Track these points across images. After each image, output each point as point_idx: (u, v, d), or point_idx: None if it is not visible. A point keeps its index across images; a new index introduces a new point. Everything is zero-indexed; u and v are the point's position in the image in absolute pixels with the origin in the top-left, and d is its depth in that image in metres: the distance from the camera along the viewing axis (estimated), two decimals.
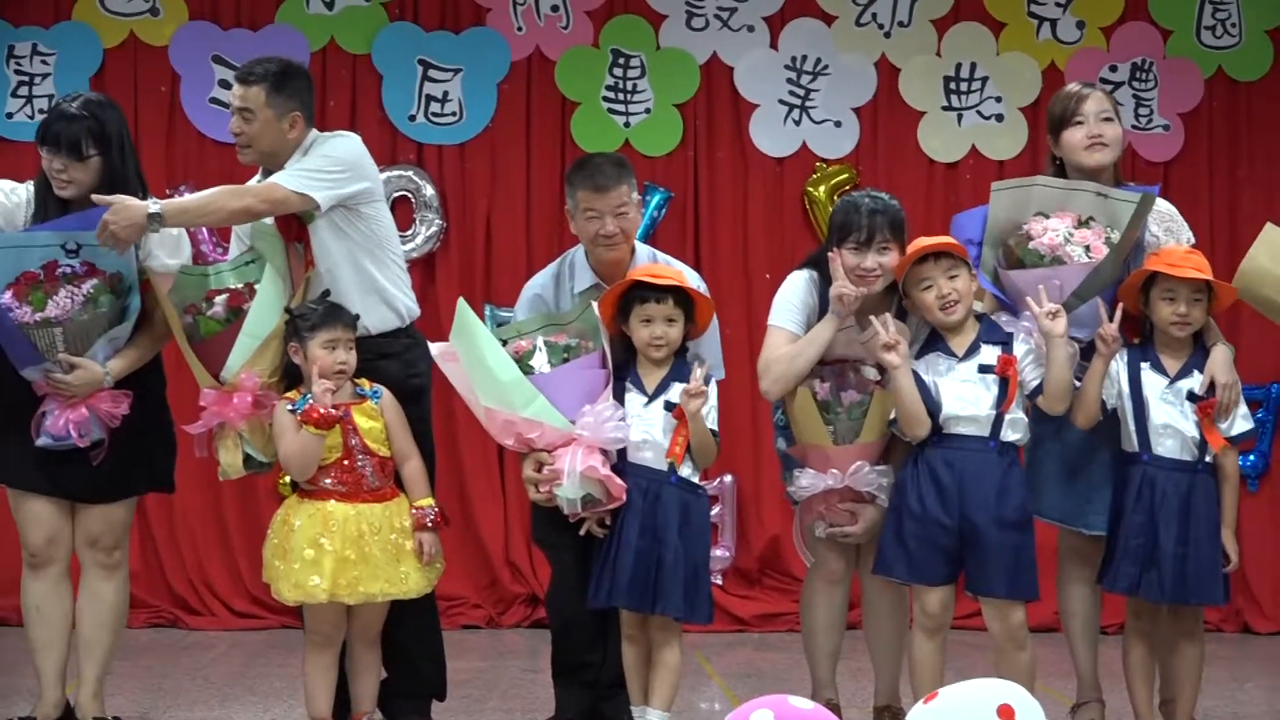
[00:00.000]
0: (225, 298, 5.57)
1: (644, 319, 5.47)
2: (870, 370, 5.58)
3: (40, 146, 5.65)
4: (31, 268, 5.52)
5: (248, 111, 5.68)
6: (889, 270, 5.55)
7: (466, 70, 8.57)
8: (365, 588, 5.42)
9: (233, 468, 5.57)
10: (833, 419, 5.54)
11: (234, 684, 7.12)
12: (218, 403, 5.51)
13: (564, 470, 5.37)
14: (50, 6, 8.46)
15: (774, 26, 8.67)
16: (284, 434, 5.41)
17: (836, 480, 5.54)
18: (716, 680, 7.27)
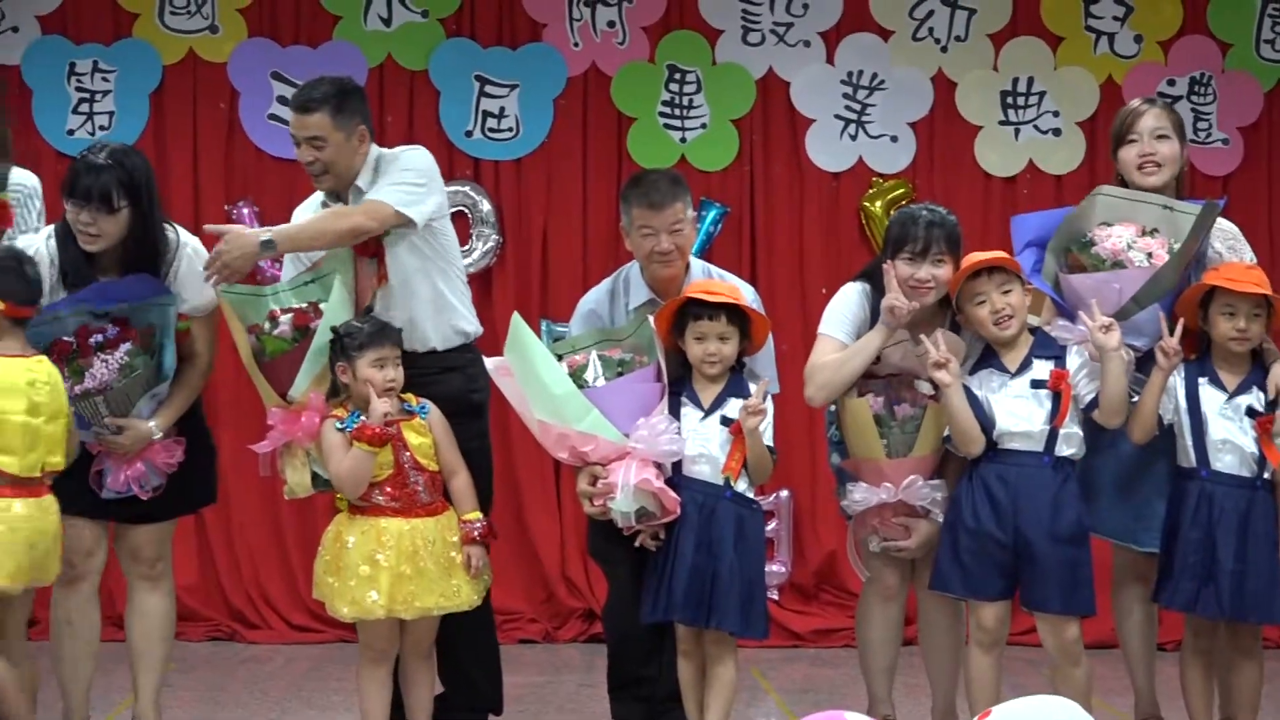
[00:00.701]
0: (290, 317, 5.56)
1: (697, 336, 5.47)
2: (924, 385, 5.56)
3: (67, 200, 5.57)
4: (65, 335, 5.54)
5: (318, 140, 5.68)
6: (943, 283, 5.54)
7: (523, 86, 8.59)
8: (421, 602, 5.44)
9: (301, 486, 5.58)
10: (886, 433, 5.54)
11: (291, 697, 7.15)
12: (285, 422, 5.52)
13: (618, 484, 5.37)
14: (111, 24, 8.52)
15: (830, 41, 8.66)
16: (333, 453, 5.43)
17: (890, 494, 5.53)
18: (773, 696, 7.26)
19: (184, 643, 5.88)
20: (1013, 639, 5.75)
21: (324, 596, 5.53)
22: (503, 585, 7.77)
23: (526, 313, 8.30)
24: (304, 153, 5.72)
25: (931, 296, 5.57)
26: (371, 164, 5.78)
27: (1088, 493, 5.60)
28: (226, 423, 7.57)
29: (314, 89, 5.74)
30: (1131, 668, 5.86)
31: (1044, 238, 5.67)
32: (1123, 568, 5.83)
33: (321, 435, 5.46)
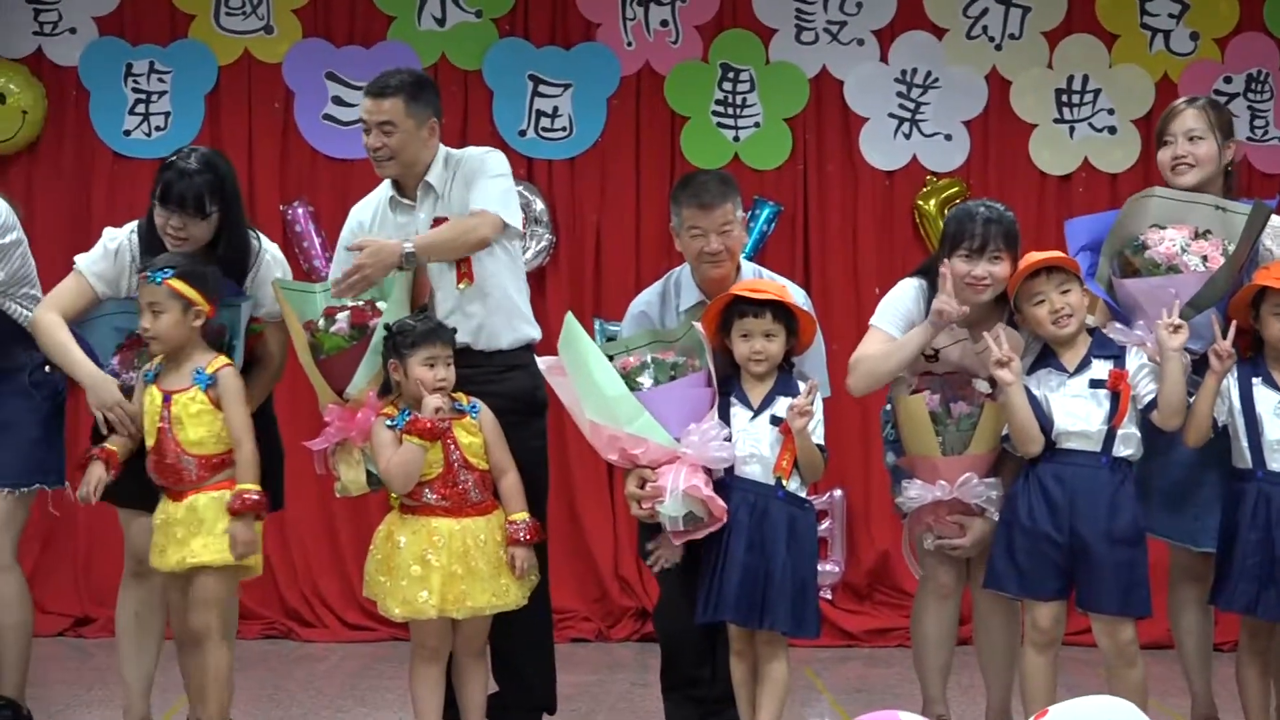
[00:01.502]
0: (348, 315, 5.56)
1: (743, 333, 5.46)
2: (981, 383, 5.55)
3: (161, 205, 5.61)
4: (136, 330, 5.60)
5: (388, 125, 5.71)
6: (999, 280, 5.52)
7: (576, 85, 8.60)
8: (472, 601, 5.45)
9: (355, 484, 5.59)
10: (942, 430, 5.52)
11: (345, 695, 7.18)
12: (342, 419, 5.54)
13: (667, 488, 5.37)
14: (167, 25, 8.57)
15: (884, 40, 8.64)
16: (383, 449, 5.44)
17: (945, 492, 5.52)
18: (826, 696, 7.25)
19: (240, 641, 5.90)
20: (1068, 639, 5.73)
21: (376, 596, 5.55)
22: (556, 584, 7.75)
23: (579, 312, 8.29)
24: (373, 138, 5.75)
25: (988, 294, 5.55)
26: (442, 161, 5.81)
27: (1145, 493, 5.57)
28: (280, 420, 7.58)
29: (391, 76, 5.79)
30: (1188, 668, 5.83)
31: (1097, 241, 5.64)
32: (1179, 568, 5.80)
33: (372, 433, 5.48)
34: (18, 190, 8.45)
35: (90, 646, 8.11)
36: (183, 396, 5.47)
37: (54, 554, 8.38)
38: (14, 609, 5.90)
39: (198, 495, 5.45)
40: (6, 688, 5.95)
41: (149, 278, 5.44)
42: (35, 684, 6.08)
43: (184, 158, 5.66)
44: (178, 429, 5.45)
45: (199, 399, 5.47)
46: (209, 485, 5.46)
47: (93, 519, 8.10)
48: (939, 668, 5.81)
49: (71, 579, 8.39)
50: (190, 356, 5.52)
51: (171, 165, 5.65)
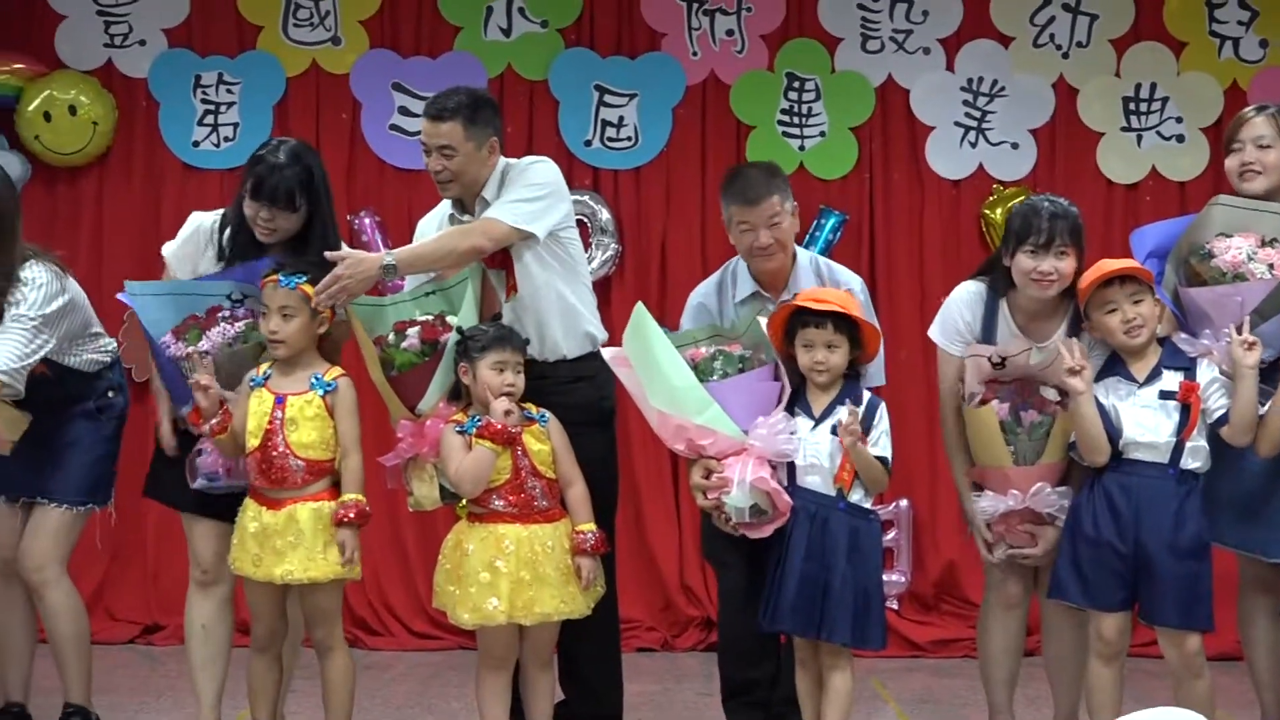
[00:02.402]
0: (418, 330, 5.59)
1: (805, 343, 5.46)
2: (1049, 391, 5.53)
3: (252, 198, 5.67)
4: (197, 312, 5.65)
5: (448, 149, 5.73)
6: (1065, 276, 5.52)
7: (642, 95, 8.60)
8: (540, 608, 5.46)
9: (428, 499, 5.60)
10: (1013, 439, 5.51)
11: (412, 704, 7.20)
12: (415, 434, 5.55)
13: (733, 479, 5.36)
14: (235, 37, 8.62)
15: (950, 48, 8.61)
16: (453, 454, 5.46)
17: (1017, 501, 5.51)
18: (893, 706, 7.23)
19: (306, 648, 5.92)
20: (1135, 650, 5.71)
21: (445, 604, 5.57)
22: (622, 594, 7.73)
23: None
24: (433, 161, 5.77)
25: (1054, 289, 5.54)
26: (498, 175, 5.83)
27: (1214, 504, 5.53)
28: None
29: (448, 98, 5.79)
30: (1256, 680, 5.80)
31: (1164, 248, 5.62)
32: (1249, 579, 5.77)
33: (442, 439, 5.49)
34: (88, 200, 8.54)
35: (159, 654, 8.15)
36: (298, 399, 5.52)
37: (123, 563, 8.44)
38: (69, 620, 5.99)
39: (298, 506, 5.49)
40: (74, 695, 6.02)
41: (281, 282, 5.50)
42: (105, 691, 6.14)
43: (273, 151, 5.73)
44: (290, 430, 5.49)
45: (315, 403, 5.53)
46: (308, 495, 5.51)
47: (160, 528, 8.16)
48: (1005, 679, 5.80)
49: (140, 587, 8.45)
50: (306, 362, 5.58)
51: (261, 159, 5.71)
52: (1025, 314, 5.67)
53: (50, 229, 8.24)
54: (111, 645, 8.12)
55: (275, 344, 5.53)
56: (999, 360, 5.59)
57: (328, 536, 5.47)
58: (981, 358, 5.62)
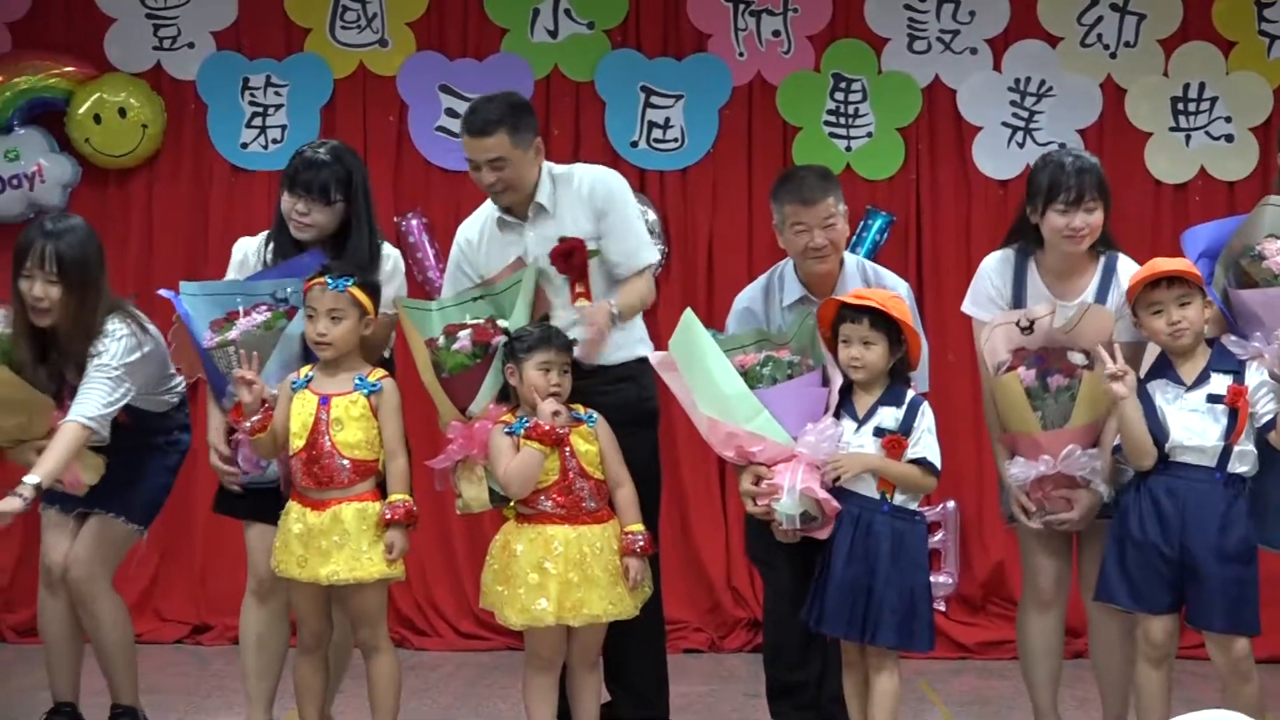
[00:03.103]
0: (469, 333, 5.59)
1: (844, 339, 5.44)
2: (1076, 355, 5.50)
3: (289, 190, 5.73)
4: (238, 308, 5.71)
5: (499, 161, 5.73)
6: (1095, 229, 5.55)
7: (688, 96, 8.60)
8: (589, 609, 5.47)
9: (477, 501, 5.60)
10: (1040, 405, 5.49)
11: (459, 704, 7.22)
12: (465, 437, 5.55)
13: (783, 486, 5.36)
14: (283, 39, 8.66)
15: (997, 49, 8.59)
16: (501, 454, 5.47)
17: (1049, 466, 5.49)
18: (940, 708, 7.22)
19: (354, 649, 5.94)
20: (1184, 652, 5.69)
21: (493, 605, 5.58)
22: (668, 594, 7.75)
23: None
24: (484, 175, 5.76)
25: (1085, 244, 5.56)
26: (549, 179, 5.84)
27: (1261, 505, 5.50)
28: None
29: (487, 111, 5.77)
30: None
31: (1215, 249, 5.59)
32: None
33: (490, 440, 5.50)
34: (138, 202, 8.59)
35: (208, 654, 8.20)
36: (343, 400, 5.54)
37: (172, 564, 8.49)
38: (116, 629, 6.05)
39: (342, 506, 5.51)
40: (123, 696, 6.05)
41: (329, 284, 5.52)
42: (154, 691, 6.17)
43: (314, 148, 5.81)
44: (336, 430, 5.51)
45: (360, 403, 5.55)
46: (353, 496, 5.52)
47: (209, 529, 8.19)
48: (1047, 678, 5.79)
49: (189, 588, 8.49)
50: (349, 364, 5.59)
51: (301, 153, 5.79)
52: (1054, 273, 5.69)
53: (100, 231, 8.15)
54: (160, 645, 8.17)
55: (322, 346, 5.55)
56: (1027, 324, 5.57)
57: (372, 536, 5.49)
58: (1009, 324, 5.60)
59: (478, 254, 5.89)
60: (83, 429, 5.70)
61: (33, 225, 5.94)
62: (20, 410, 5.78)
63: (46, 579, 6.02)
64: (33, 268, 5.75)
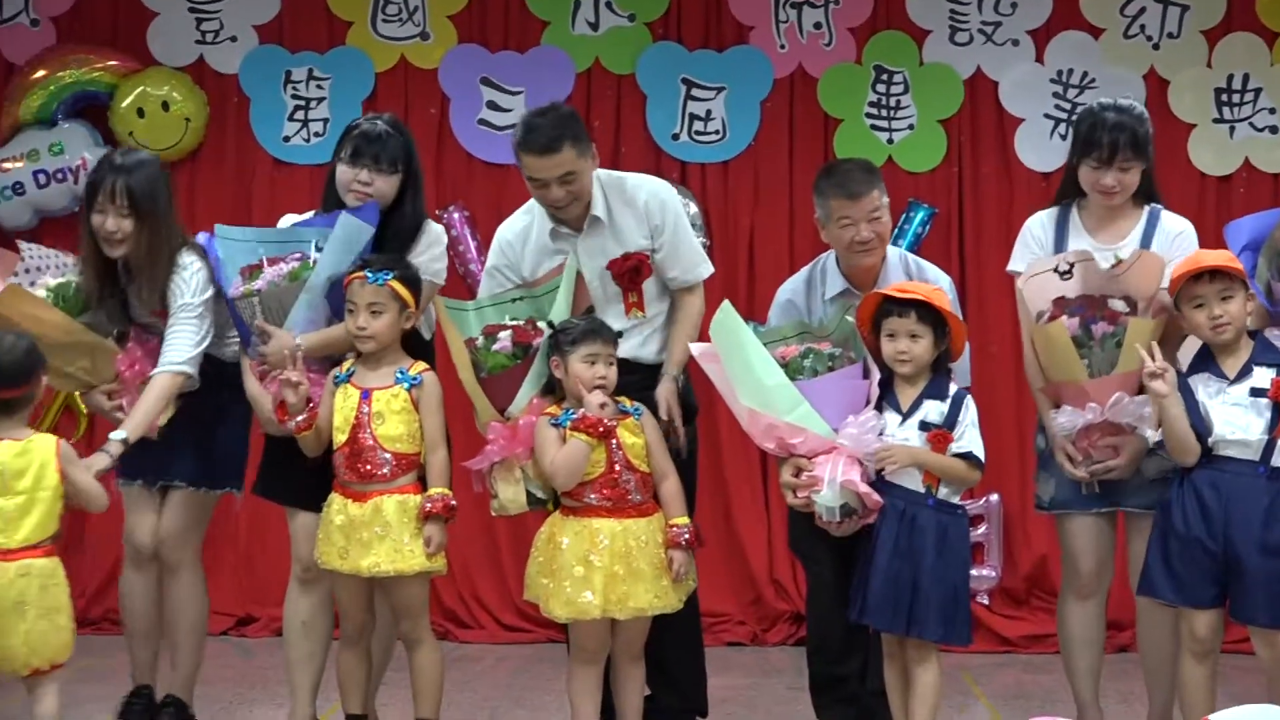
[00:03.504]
0: (510, 334, 5.59)
1: (888, 333, 5.42)
2: (1118, 302, 5.48)
3: (350, 162, 5.73)
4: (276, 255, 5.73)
5: (569, 175, 5.70)
6: (1130, 186, 5.59)
7: (730, 88, 8.60)
8: (635, 602, 5.47)
9: (514, 503, 5.59)
10: (1087, 353, 5.48)
11: (502, 697, 7.23)
12: (507, 437, 5.56)
13: (824, 478, 5.36)
14: (325, 33, 8.69)
15: (1039, 40, 8.57)
16: (548, 446, 5.47)
17: (1096, 414, 5.47)
18: (983, 702, 7.20)
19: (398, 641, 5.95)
20: (1228, 647, 5.65)
21: (537, 598, 5.58)
22: (711, 588, 7.79)
23: None
24: (554, 192, 5.72)
25: (1118, 199, 5.60)
26: (601, 189, 5.84)
27: None
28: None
29: (547, 126, 5.70)
30: None
31: (1259, 241, 5.56)
32: None
33: (535, 431, 5.51)
34: (181, 196, 8.59)
35: (252, 645, 8.23)
36: (384, 394, 5.55)
37: (216, 555, 8.49)
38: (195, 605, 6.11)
39: (384, 499, 5.52)
40: (177, 686, 6.06)
41: (369, 278, 5.53)
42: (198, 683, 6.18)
43: (370, 120, 5.84)
44: (377, 424, 5.52)
45: (402, 397, 5.56)
46: (395, 488, 5.53)
47: (254, 521, 8.23)
48: (1087, 670, 5.77)
49: (234, 579, 8.53)
50: (390, 358, 5.61)
51: (358, 126, 5.81)
52: (1096, 223, 5.70)
53: None
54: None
55: (363, 339, 5.56)
56: (1066, 268, 5.55)
57: (414, 529, 5.50)
58: (1046, 272, 5.58)
59: (520, 257, 5.88)
60: (174, 377, 5.80)
61: (102, 161, 6.00)
62: (83, 354, 5.80)
63: (134, 558, 6.02)
64: (104, 202, 5.81)
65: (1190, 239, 5.74)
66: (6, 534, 5.15)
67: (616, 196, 5.84)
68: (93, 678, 6.95)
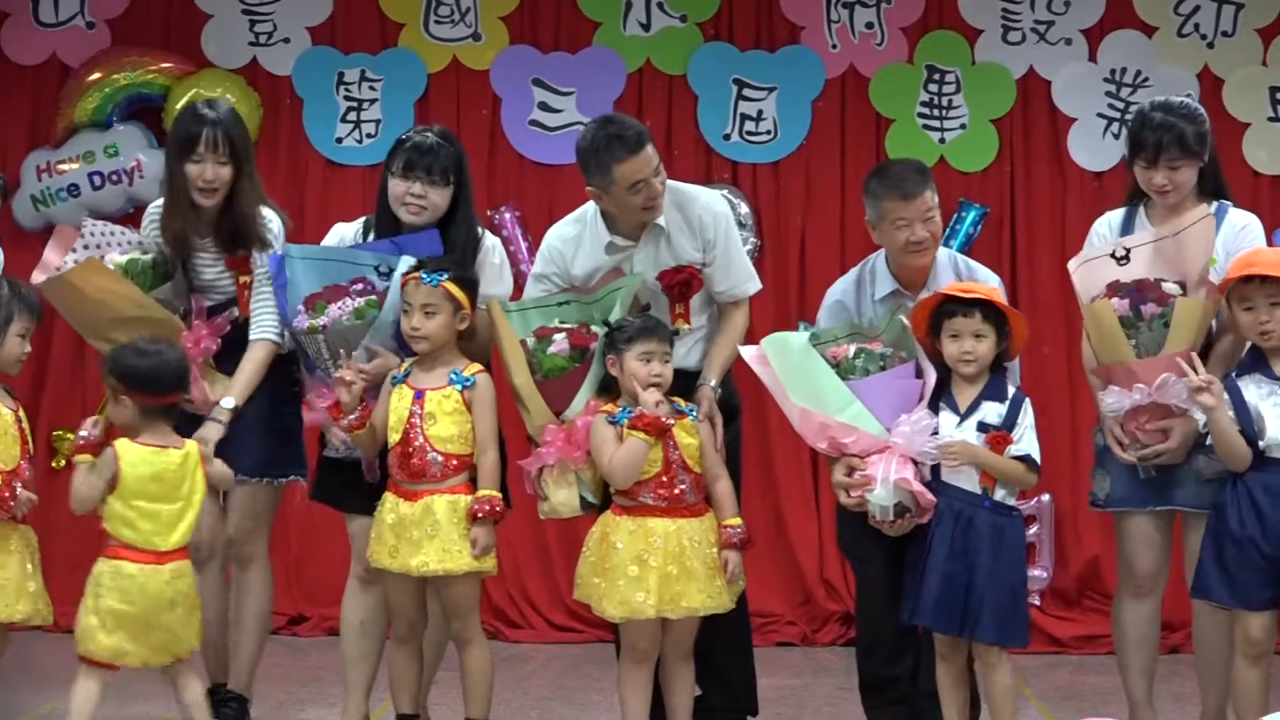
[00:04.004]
0: (564, 336, 5.59)
1: (952, 333, 5.41)
2: (1170, 285, 5.45)
3: (402, 175, 5.72)
4: (341, 281, 5.71)
5: (660, 167, 5.73)
6: (1183, 185, 5.55)
7: (781, 88, 8.60)
8: (688, 602, 5.48)
9: (566, 506, 5.58)
10: (1135, 334, 5.45)
11: (552, 696, 7.25)
12: (565, 440, 5.55)
13: (876, 477, 5.35)
14: (377, 34, 8.72)
15: (1093, 39, 8.53)
16: (605, 445, 5.47)
17: (1144, 395, 5.44)
18: (1035, 703, 7.17)
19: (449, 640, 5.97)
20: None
21: (589, 598, 5.58)
22: (761, 588, 7.78)
23: (784, 314, 8.34)
24: (654, 186, 5.70)
25: (1171, 199, 5.57)
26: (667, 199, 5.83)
27: None
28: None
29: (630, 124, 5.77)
30: None
31: None
32: None
33: (591, 430, 5.51)
34: None
35: (304, 644, 8.26)
36: (437, 394, 5.56)
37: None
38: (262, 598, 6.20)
39: (434, 498, 5.53)
40: (237, 681, 6.09)
41: (424, 279, 5.54)
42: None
43: (421, 133, 5.84)
44: (429, 424, 5.54)
45: (454, 398, 5.57)
46: (446, 488, 5.54)
47: (305, 521, 8.26)
48: (1141, 669, 5.75)
49: (285, 578, 8.54)
50: (446, 359, 5.62)
51: (410, 139, 5.81)
52: (1162, 218, 5.68)
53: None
54: None
55: (417, 340, 5.58)
56: (1124, 253, 5.52)
57: (463, 529, 5.51)
58: (1102, 257, 5.57)
59: (570, 263, 5.86)
60: (268, 345, 5.93)
61: (189, 114, 6.07)
62: (152, 329, 5.81)
63: (196, 557, 6.05)
64: (205, 152, 5.90)
65: (1255, 232, 5.73)
66: (163, 537, 5.45)
67: (673, 206, 5.84)
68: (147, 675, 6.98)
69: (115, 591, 5.39)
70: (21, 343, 5.67)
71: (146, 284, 5.94)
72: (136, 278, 5.93)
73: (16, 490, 5.51)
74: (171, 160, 6.00)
